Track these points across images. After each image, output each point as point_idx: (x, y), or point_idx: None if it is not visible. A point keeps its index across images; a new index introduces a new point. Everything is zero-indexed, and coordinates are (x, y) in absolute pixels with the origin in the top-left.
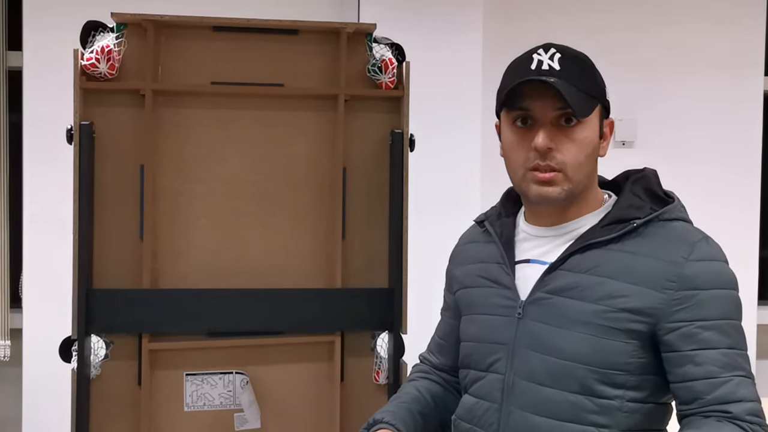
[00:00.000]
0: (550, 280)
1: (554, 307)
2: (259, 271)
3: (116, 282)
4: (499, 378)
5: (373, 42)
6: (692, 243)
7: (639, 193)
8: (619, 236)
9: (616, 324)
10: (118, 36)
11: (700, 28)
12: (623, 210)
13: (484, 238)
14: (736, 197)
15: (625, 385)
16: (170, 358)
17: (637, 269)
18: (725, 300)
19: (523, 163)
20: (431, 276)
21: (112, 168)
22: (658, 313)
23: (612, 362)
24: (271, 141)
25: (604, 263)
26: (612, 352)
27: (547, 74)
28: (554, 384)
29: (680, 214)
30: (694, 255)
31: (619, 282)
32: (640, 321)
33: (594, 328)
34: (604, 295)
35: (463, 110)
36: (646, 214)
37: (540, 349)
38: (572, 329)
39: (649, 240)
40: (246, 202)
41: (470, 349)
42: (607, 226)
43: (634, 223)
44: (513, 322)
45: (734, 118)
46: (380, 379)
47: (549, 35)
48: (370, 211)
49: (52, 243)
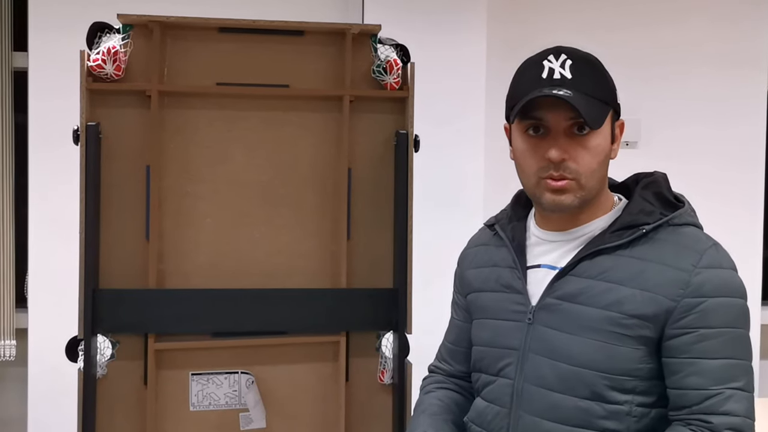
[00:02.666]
0: (560, 286)
1: (564, 314)
2: (264, 271)
3: (122, 282)
4: (509, 383)
5: (378, 43)
6: (702, 250)
7: (649, 197)
8: (628, 242)
9: (627, 330)
10: (124, 37)
11: (704, 27)
12: (633, 215)
13: (495, 241)
14: (740, 196)
15: (634, 390)
16: (176, 357)
17: (646, 276)
18: (731, 309)
19: (537, 172)
20: (436, 275)
21: (118, 169)
22: (666, 319)
23: (622, 368)
24: (276, 142)
25: (613, 269)
26: (622, 358)
27: (559, 84)
28: (564, 390)
29: (690, 219)
30: (703, 262)
31: (628, 288)
32: (649, 327)
33: (604, 335)
34: (614, 301)
35: (468, 110)
36: (656, 219)
37: (550, 354)
38: (582, 335)
39: (658, 246)
40: (251, 203)
41: (481, 354)
42: (617, 232)
43: (643, 229)
44: (524, 327)
45: (738, 117)
46: (385, 379)
47: (553, 35)
48: (375, 211)
49: (58, 243)
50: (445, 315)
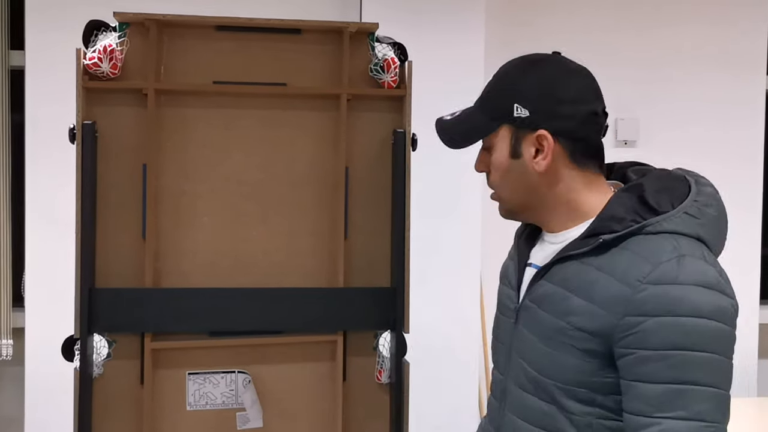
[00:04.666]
0: (535, 289)
1: (534, 317)
2: (261, 270)
3: (119, 281)
4: (501, 378)
5: (376, 41)
6: (657, 263)
7: (626, 201)
8: (592, 249)
9: (573, 342)
10: (121, 35)
11: (702, 27)
12: (603, 222)
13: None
14: (738, 197)
15: (593, 402)
16: (173, 357)
17: (596, 288)
18: (675, 329)
19: None
20: (433, 274)
21: (115, 167)
22: (609, 336)
23: (574, 379)
24: (273, 140)
25: (573, 277)
26: (572, 368)
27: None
28: (533, 391)
29: (669, 227)
30: (652, 277)
31: (579, 299)
32: (595, 341)
33: (555, 344)
34: (566, 310)
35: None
36: (625, 227)
37: (522, 356)
38: (541, 342)
39: (617, 256)
40: (248, 202)
41: (492, 346)
42: (586, 239)
43: (601, 239)
44: (511, 325)
45: (736, 118)
46: (382, 378)
47: (551, 34)
48: (373, 210)
49: (55, 242)
50: (442, 313)
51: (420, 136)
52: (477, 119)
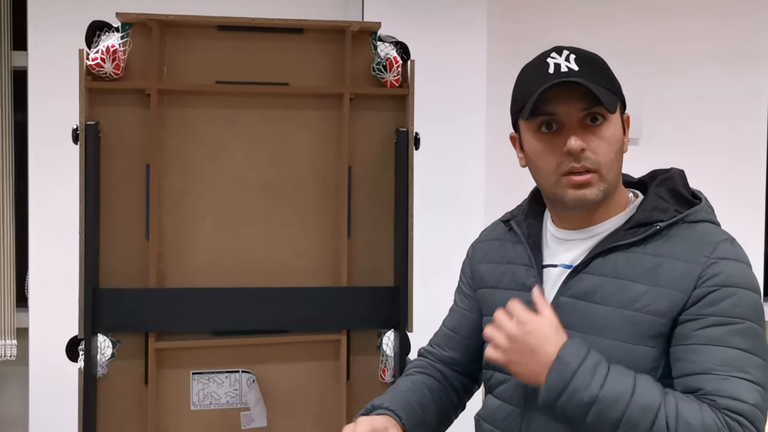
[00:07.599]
0: (573, 284)
1: (578, 313)
2: (264, 269)
3: (122, 281)
4: (517, 383)
5: (378, 40)
6: (716, 243)
7: (663, 194)
8: (642, 239)
9: (642, 328)
10: (123, 36)
11: (706, 23)
12: (647, 212)
13: (510, 237)
14: (741, 193)
15: None
16: (177, 357)
17: (660, 272)
18: (742, 300)
19: (556, 169)
20: (437, 273)
21: (118, 167)
22: (677, 312)
23: (639, 367)
24: (276, 140)
25: (626, 266)
26: (639, 357)
27: (567, 76)
28: None
29: (706, 216)
30: (717, 253)
31: (642, 285)
32: (664, 323)
33: (621, 334)
34: (629, 299)
35: (469, 108)
36: (670, 216)
37: None
38: (597, 335)
39: (672, 242)
40: (251, 201)
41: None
42: (631, 230)
43: (657, 225)
44: None
45: (740, 113)
46: (386, 377)
47: (553, 32)
48: (376, 209)
49: (58, 242)
50: (446, 312)
51: (423, 135)
52: (616, 89)
